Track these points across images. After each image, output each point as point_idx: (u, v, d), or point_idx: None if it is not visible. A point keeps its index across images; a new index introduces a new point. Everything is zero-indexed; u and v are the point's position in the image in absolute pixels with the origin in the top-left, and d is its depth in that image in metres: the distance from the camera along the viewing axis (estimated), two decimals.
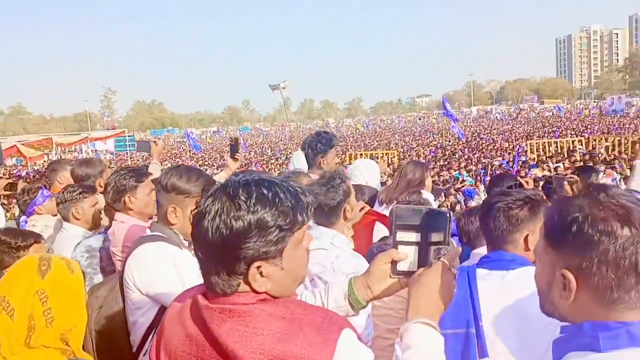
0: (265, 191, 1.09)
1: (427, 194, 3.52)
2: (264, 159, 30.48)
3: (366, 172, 3.96)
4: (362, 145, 36.71)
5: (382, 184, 5.16)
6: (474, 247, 2.81)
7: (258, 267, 1.09)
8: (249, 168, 23.00)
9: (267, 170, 20.61)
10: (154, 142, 4.24)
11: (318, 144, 3.48)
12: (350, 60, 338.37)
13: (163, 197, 2.07)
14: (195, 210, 1.12)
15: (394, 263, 1.33)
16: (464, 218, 3.11)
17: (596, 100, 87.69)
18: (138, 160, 31.58)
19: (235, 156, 3.54)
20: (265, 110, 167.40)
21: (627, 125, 33.00)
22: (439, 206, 10.39)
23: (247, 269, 1.09)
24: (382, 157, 21.40)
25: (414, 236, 1.32)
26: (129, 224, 2.45)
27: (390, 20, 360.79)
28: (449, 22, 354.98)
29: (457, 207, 10.79)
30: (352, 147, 33.47)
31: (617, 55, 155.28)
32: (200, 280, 1.17)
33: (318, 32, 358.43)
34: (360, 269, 1.91)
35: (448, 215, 1.26)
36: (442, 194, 11.43)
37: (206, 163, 29.79)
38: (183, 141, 49.77)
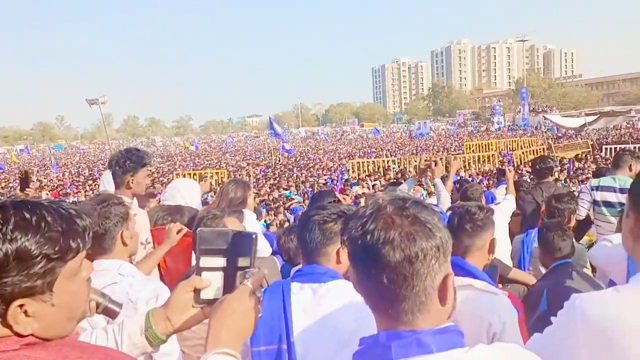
0: (27, 215, 0.92)
1: (249, 214, 3.46)
2: (80, 180, 27.75)
3: (186, 192, 3.79)
4: (192, 164, 35.76)
5: (205, 203, 5.00)
6: (294, 265, 2.83)
7: (21, 306, 0.91)
8: (63, 190, 20.74)
9: (84, 192, 18.81)
10: None
11: (127, 162, 3.19)
12: (179, 78, 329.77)
13: None
14: None
15: (197, 291, 1.23)
16: (284, 236, 3.13)
17: (406, 124, 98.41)
18: None
19: (26, 191, 3.15)
20: (83, 127, 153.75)
21: (432, 147, 37.50)
22: (268, 225, 10.55)
23: (5, 309, 0.90)
24: (212, 176, 21.09)
25: (219, 261, 1.23)
26: None
27: (220, 40, 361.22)
28: (276, 45, 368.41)
29: (286, 225, 11.04)
30: (181, 167, 32.39)
31: (422, 85, 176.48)
32: None
33: (145, 46, 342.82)
34: (160, 292, 1.80)
35: (254, 237, 1.20)
36: (272, 212, 11.63)
37: (10, 184, 26.07)
38: None
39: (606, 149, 22.63)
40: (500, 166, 16.49)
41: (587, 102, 77.73)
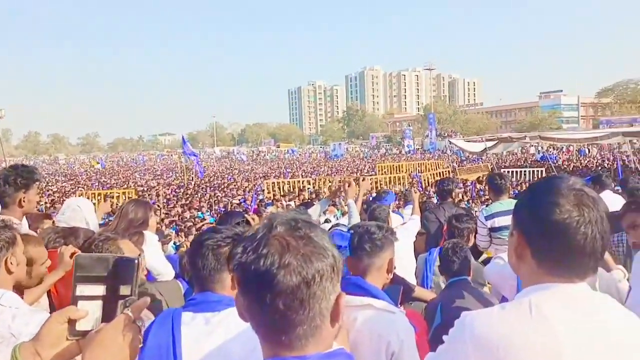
0: None
1: (150, 236, 3.29)
2: None
3: (88, 212, 3.54)
4: (97, 183, 33.83)
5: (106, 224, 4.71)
6: None
7: None
8: None
9: None
10: None
11: (18, 179, 2.94)
12: (86, 93, 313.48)
13: None
14: None
15: (72, 322, 1.11)
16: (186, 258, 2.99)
17: (322, 146, 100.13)
18: None
19: None
20: None
21: (346, 168, 38.34)
22: (178, 246, 10.16)
23: None
24: (119, 196, 20.09)
25: (98, 289, 1.13)
26: None
27: (131, 55, 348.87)
28: (193, 63, 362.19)
29: None
30: (86, 186, 30.51)
31: (338, 108, 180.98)
32: None
33: (49, 58, 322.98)
34: None
35: (136, 263, 1.12)
36: (183, 234, 11.22)
37: None
38: None
39: (504, 171, 24.32)
40: (408, 187, 17.15)
41: (488, 128, 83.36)
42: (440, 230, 4.63)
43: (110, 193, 21.37)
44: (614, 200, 5.71)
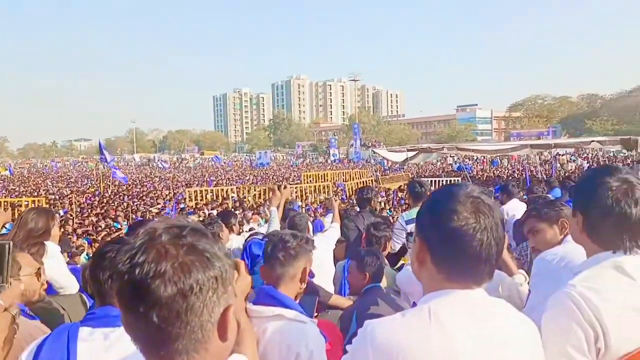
0: None
1: (52, 246, 3.07)
2: None
3: None
4: (4, 191, 31.38)
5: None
6: None
7: None
8: None
9: None
10: None
11: None
12: None
13: None
14: None
15: None
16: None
17: (247, 154, 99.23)
18: None
19: None
20: None
21: (272, 176, 38.19)
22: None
23: None
24: (28, 204, 18.75)
25: None
26: None
27: (43, 57, 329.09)
28: (108, 67, 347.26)
29: None
30: None
31: (264, 116, 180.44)
32: None
33: None
34: None
35: (7, 247, 1.12)
36: (96, 244, 10.64)
37: None
38: None
39: (431, 181, 25.32)
40: (333, 196, 17.36)
41: (409, 139, 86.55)
42: (360, 238, 4.70)
43: (19, 202, 19.93)
44: (519, 208, 6.09)
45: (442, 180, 27.05)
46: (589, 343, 1.38)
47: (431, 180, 26.51)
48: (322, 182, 28.41)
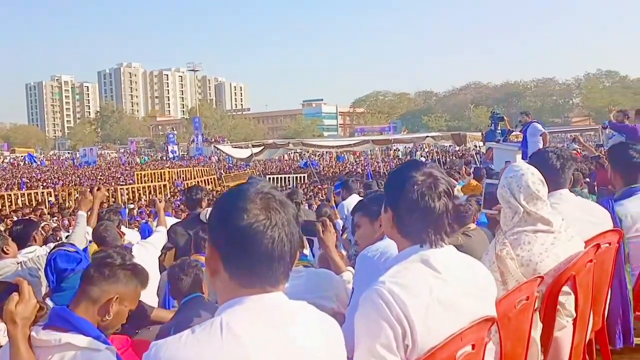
0: None
1: None
2: None
3: None
4: None
5: None
6: None
7: None
8: None
9: None
10: None
11: None
12: None
13: None
14: None
15: None
16: None
17: (70, 151, 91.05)
18: None
19: None
20: None
21: (99, 176, 35.58)
22: None
23: None
24: None
25: None
26: None
27: None
28: None
29: None
30: None
31: (89, 108, 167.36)
32: None
33: None
34: None
35: None
36: None
37: None
38: None
39: (269, 178, 25.71)
40: (157, 197, 16.75)
41: (255, 135, 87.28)
42: (190, 243, 4.54)
43: None
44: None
45: (289, 177, 27.75)
46: (397, 340, 1.45)
47: (278, 178, 27.09)
48: (158, 181, 27.34)
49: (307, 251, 3.03)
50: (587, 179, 7.79)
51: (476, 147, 27.42)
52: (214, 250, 1.23)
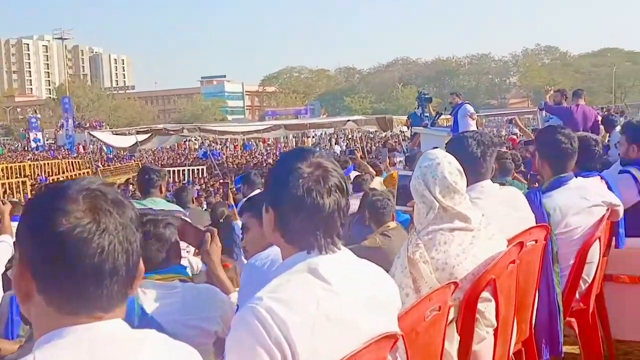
0: None
1: None
2: None
3: None
4: None
5: None
6: None
7: None
8: None
9: None
10: None
11: None
12: None
13: None
14: None
15: None
16: None
17: None
18: None
19: None
20: None
21: None
22: None
23: None
24: None
25: None
26: None
27: None
28: None
29: None
30: None
31: None
32: None
33: None
34: None
35: None
36: None
37: None
38: None
39: (169, 171, 25.05)
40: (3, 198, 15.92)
41: (142, 118, 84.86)
42: None
43: None
44: None
45: (184, 170, 27.14)
46: None
47: (170, 171, 26.41)
48: (16, 178, 25.94)
49: (186, 262, 2.95)
50: (524, 168, 8.22)
51: (402, 132, 28.15)
52: (23, 268, 1.11)
